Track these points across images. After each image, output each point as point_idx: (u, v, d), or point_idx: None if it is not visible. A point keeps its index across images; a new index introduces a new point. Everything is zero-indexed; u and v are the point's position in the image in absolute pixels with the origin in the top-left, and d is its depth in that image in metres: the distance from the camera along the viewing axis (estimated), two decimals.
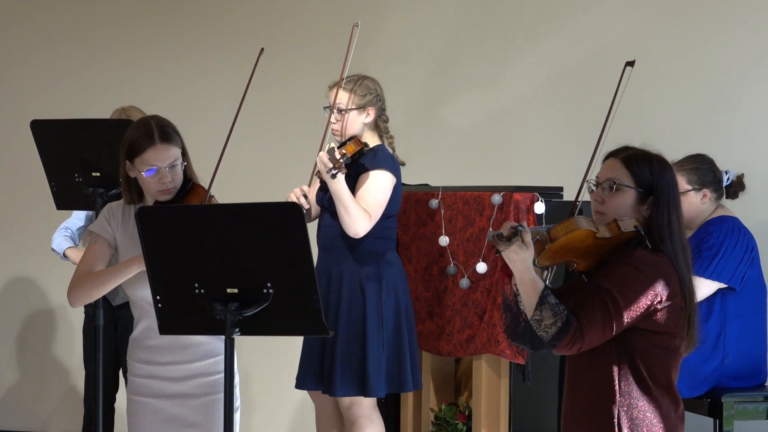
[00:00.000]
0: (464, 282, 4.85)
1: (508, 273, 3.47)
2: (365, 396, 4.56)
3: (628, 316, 3.18)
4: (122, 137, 4.18)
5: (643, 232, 3.25)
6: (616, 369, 3.24)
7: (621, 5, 5.98)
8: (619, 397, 3.24)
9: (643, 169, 3.31)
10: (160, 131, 3.68)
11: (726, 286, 4.69)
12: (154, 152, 3.65)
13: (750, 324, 4.85)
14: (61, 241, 5.18)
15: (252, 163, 6.12)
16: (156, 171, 3.66)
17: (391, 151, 4.70)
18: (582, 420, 3.29)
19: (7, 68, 6.61)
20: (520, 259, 3.12)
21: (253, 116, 4.39)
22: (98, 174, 4.37)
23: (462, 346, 4.87)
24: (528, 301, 3.16)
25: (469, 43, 6.19)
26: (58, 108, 6.30)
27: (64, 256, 5.17)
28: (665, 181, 3.32)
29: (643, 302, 3.20)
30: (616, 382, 3.24)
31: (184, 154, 3.74)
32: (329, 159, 4.40)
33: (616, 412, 3.23)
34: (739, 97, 5.61)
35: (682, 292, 3.25)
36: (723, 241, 4.72)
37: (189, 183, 3.75)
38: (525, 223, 3.17)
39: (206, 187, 3.81)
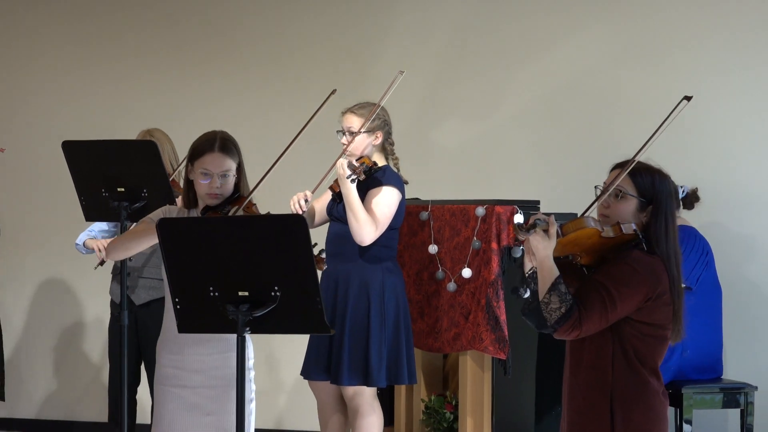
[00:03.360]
0: (451, 286, 4.96)
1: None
2: (368, 385, 4.72)
3: (622, 309, 3.38)
4: (144, 157, 4.33)
5: (641, 236, 3.45)
6: (610, 353, 3.42)
7: (597, 37, 6.04)
8: (613, 377, 3.42)
9: (646, 181, 3.49)
10: (221, 142, 3.87)
11: (684, 285, 5.04)
12: (210, 158, 3.84)
13: (706, 321, 5.09)
14: (83, 237, 5.26)
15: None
16: (208, 175, 3.83)
17: (396, 170, 4.84)
18: (580, 398, 3.48)
19: (39, 88, 6.65)
20: (543, 246, 3.35)
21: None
22: (123, 189, 4.47)
23: (449, 343, 4.99)
24: (542, 285, 3.37)
25: (456, 70, 6.26)
26: (88, 127, 6.41)
27: (84, 246, 5.21)
28: (664, 193, 3.51)
29: (636, 298, 3.39)
30: (611, 364, 3.43)
31: (239, 169, 3.91)
32: (348, 166, 4.59)
33: (610, 391, 3.42)
34: (698, 113, 5.61)
35: (671, 290, 3.45)
36: (680, 245, 5.05)
37: (236, 193, 3.91)
38: (551, 217, 3.36)
39: (250, 200, 3.94)
